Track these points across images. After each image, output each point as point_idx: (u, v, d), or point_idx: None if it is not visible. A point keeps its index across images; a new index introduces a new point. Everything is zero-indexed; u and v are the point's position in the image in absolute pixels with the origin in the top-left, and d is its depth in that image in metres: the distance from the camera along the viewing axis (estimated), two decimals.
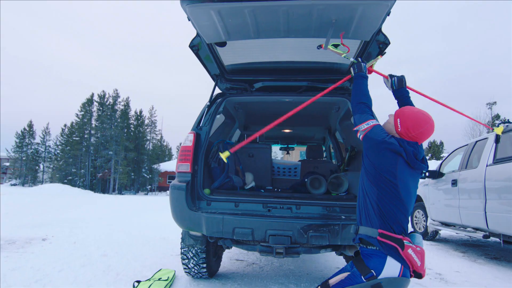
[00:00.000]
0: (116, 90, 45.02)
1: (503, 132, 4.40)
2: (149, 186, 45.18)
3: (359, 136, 1.86)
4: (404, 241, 1.56)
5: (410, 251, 1.54)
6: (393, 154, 1.70)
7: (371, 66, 2.35)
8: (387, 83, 2.30)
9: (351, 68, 2.18)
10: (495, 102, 31.18)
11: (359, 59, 2.21)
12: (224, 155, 2.07)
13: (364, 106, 1.95)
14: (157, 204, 15.43)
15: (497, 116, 30.93)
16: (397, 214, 1.61)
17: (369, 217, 1.66)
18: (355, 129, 1.91)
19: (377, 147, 1.73)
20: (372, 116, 1.93)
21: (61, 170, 40.53)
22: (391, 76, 2.25)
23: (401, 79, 2.19)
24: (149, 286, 2.73)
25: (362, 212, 1.74)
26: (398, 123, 1.81)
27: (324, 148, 5.86)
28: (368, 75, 2.21)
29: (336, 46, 2.36)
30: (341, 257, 4.13)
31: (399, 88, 2.18)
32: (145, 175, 44.49)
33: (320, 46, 2.36)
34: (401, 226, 1.60)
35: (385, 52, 2.42)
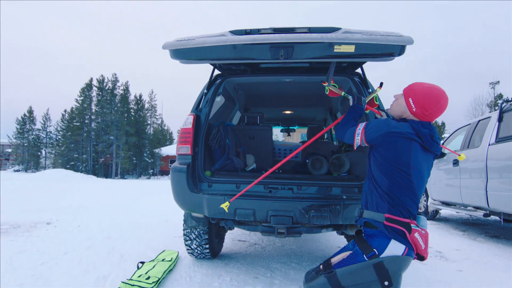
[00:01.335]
0: (115, 74, 44.54)
1: (505, 111, 4.35)
2: (151, 170, 45.45)
3: (362, 145, 1.75)
4: (412, 224, 1.53)
5: (416, 234, 1.52)
6: (405, 141, 1.58)
7: (373, 99, 2.33)
8: (383, 116, 2.24)
9: (351, 99, 2.13)
10: (498, 82, 30.80)
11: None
12: (224, 205, 2.11)
13: (347, 125, 1.89)
14: (159, 187, 15.57)
15: (500, 96, 30.58)
16: (408, 201, 1.56)
17: (377, 203, 1.61)
18: (355, 147, 1.80)
19: (385, 140, 1.62)
20: (354, 123, 1.88)
21: (63, 155, 40.68)
22: (385, 112, 2.21)
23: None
24: (153, 266, 2.77)
25: (368, 197, 1.68)
26: (412, 103, 1.67)
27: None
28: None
29: (334, 86, 2.39)
30: (342, 236, 4.17)
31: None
32: (147, 159, 44.65)
33: (323, 82, 2.35)
34: (410, 212, 1.57)
35: (382, 83, 2.39)
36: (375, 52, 2.11)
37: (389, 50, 2.07)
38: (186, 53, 2.24)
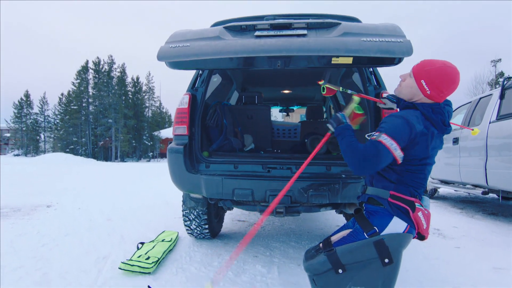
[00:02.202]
0: (111, 56, 43.75)
1: (506, 88, 4.28)
2: (151, 153, 45.55)
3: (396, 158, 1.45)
4: (416, 203, 1.51)
5: (420, 214, 1.49)
6: (425, 137, 1.47)
7: (354, 110, 1.85)
8: (388, 103, 1.92)
9: (328, 125, 1.69)
10: (500, 59, 30.40)
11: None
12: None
13: (355, 150, 1.48)
14: (159, 170, 15.62)
15: (501, 74, 30.24)
16: (415, 184, 1.54)
17: (384, 182, 1.56)
18: (399, 161, 1.46)
19: (410, 143, 1.46)
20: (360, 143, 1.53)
21: (62, 139, 40.66)
22: (389, 99, 1.89)
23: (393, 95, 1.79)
24: (153, 247, 2.79)
25: (375, 175, 1.60)
26: (425, 86, 1.51)
27: (324, 109, 5.76)
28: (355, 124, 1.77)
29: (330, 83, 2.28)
30: (341, 215, 4.20)
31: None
32: (146, 142, 44.66)
33: (319, 81, 2.23)
34: (416, 191, 1.54)
35: (361, 90, 2.38)
36: (373, 63, 2.26)
37: (387, 60, 2.11)
38: (182, 64, 2.26)
